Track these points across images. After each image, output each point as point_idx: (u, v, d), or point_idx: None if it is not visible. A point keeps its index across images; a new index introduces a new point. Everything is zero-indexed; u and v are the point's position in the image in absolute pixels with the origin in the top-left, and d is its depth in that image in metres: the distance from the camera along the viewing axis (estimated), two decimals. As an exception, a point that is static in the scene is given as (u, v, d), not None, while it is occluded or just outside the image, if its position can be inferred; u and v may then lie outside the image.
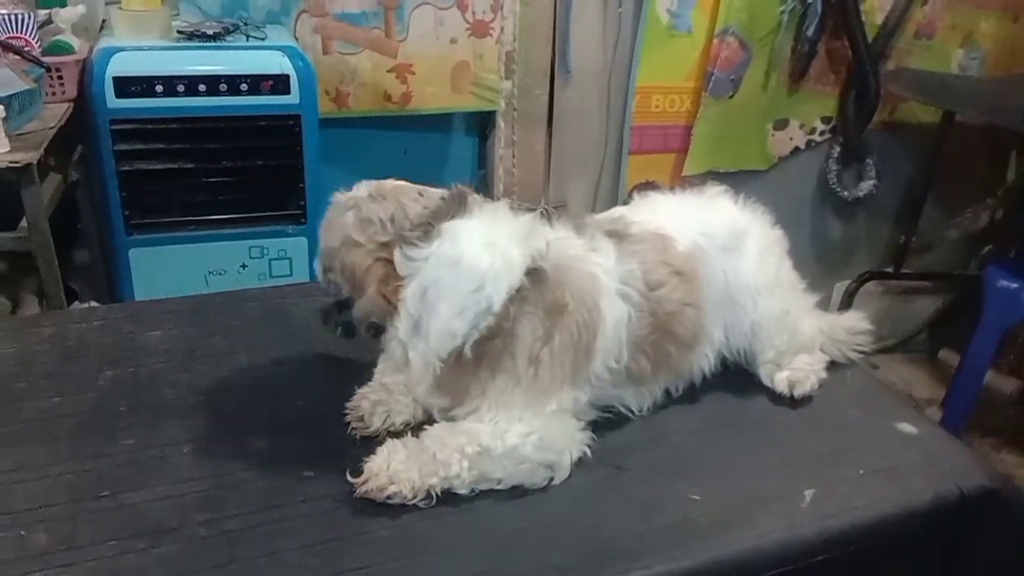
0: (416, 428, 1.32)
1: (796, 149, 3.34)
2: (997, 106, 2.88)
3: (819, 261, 3.52)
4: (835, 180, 3.35)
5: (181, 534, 1.13)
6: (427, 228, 1.26)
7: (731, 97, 3.10)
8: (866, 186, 3.34)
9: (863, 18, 3.05)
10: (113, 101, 2.36)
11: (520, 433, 1.23)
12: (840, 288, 3.51)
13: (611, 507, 1.23)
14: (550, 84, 3.06)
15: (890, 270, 3.48)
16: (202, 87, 2.43)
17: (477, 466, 1.22)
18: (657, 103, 3.12)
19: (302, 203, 2.66)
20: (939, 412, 2.96)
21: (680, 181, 3.19)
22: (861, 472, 1.32)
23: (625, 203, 3.13)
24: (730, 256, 1.48)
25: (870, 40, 3.10)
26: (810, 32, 3.06)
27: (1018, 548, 1.32)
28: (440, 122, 3.12)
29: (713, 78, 3.04)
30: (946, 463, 1.34)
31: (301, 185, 2.63)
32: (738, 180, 3.28)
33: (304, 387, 1.44)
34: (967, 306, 3.46)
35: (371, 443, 1.29)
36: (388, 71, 2.90)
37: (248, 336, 1.59)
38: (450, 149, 3.22)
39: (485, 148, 3.20)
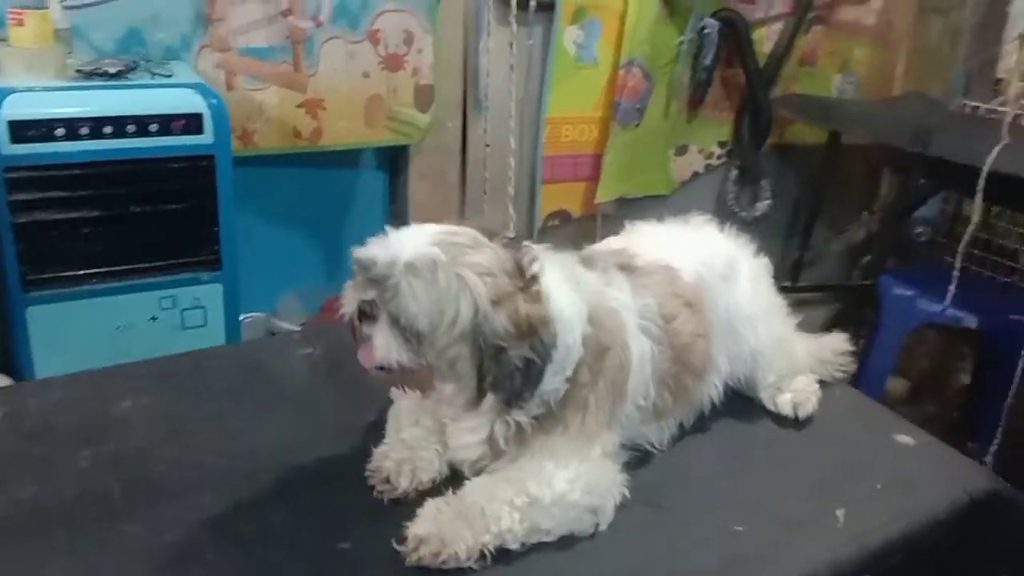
0: (444, 484, 1.25)
1: (696, 173, 3.47)
2: (884, 127, 3.09)
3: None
4: (733, 201, 3.50)
5: (223, 626, 1.02)
6: (532, 281, 1.18)
7: (637, 126, 3.19)
8: (762, 206, 3.51)
9: (754, 47, 3.22)
10: (8, 147, 2.14)
11: (567, 479, 1.19)
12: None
13: (659, 549, 1.21)
14: (463, 116, 3.04)
15: (788, 284, 3.65)
16: (108, 129, 2.25)
17: (528, 518, 1.16)
18: (567, 133, 3.16)
19: (216, 248, 2.50)
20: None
21: (592, 208, 3.23)
22: (879, 487, 1.36)
23: (542, 230, 3.18)
24: (728, 285, 1.50)
25: (760, 68, 3.26)
26: (707, 61, 3.20)
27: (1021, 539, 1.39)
28: (349, 157, 3.03)
29: (621, 107, 3.11)
30: (950, 470, 1.41)
31: (215, 229, 2.48)
32: (645, 205, 3.37)
33: (310, 450, 1.34)
34: (854, 314, 3.68)
35: (401, 505, 1.22)
36: (297, 106, 2.79)
37: (233, 398, 1.47)
38: (360, 184, 3.13)
39: (397, 182, 3.13)
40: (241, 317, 2.63)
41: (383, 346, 1.15)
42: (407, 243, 1.16)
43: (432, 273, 1.12)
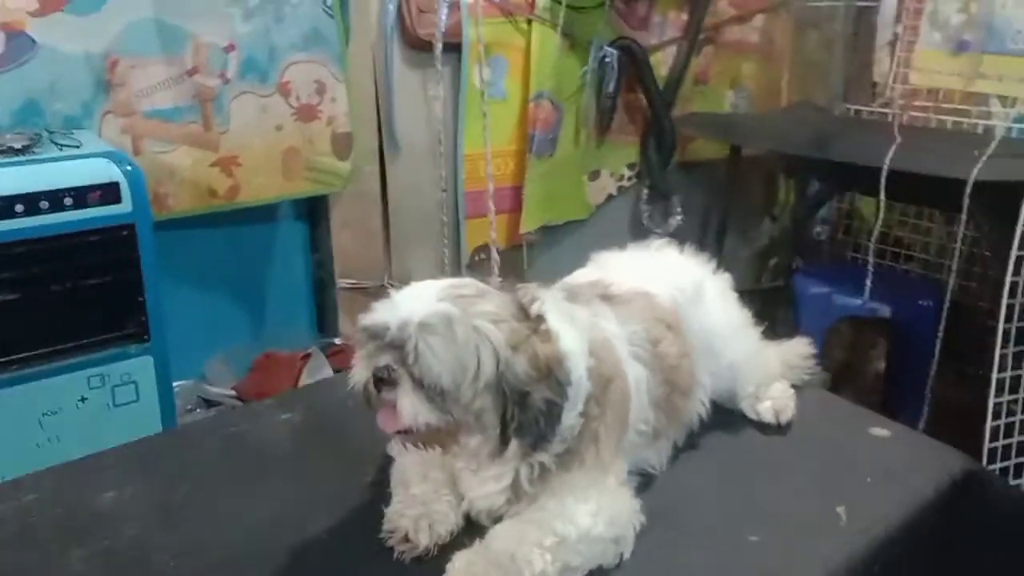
0: (462, 536, 1.24)
1: (610, 196, 3.55)
2: (783, 137, 3.26)
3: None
4: (647, 219, 3.60)
5: None
6: (540, 320, 1.19)
7: (551, 155, 3.25)
8: (675, 221, 3.62)
9: (652, 71, 3.34)
10: (-89, 234, 2.00)
11: (590, 513, 1.20)
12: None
13: (690, 568, 1.23)
14: (380, 161, 3.03)
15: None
16: (19, 207, 2.13)
17: (559, 558, 1.16)
18: (484, 168, 3.18)
19: (144, 319, 2.39)
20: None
21: (516, 239, 3.27)
22: (869, 480, 1.42)
23: (469, 265, 3.19)
24: (699, 305, 1.54)
25: (661, 90, 3.39)
26: (610, 89, 3.29)
27: (996, 516, 1.48)
28: (267, 211, 2.97)
29: (536, 139, 3.16)
30: (928, 457, 1.48)
31: (141, 299, 2.37)
32: (566, 230, 3.43)
33: (315, 519, 1.29)
34: (767, 315, 3.84)
35: (424, 563, 1.20)
36: (211, 165, 2.72)
37: (221, 476, 1.40)
38: (279, 237, 3.07)
39: (318, 232, 3.09)
40: (170, 386, 2.53)
41: (409, 409, 1.13)
42: (415, 303, 1.15)
43: (449, 329, 1.11)
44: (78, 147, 2.32)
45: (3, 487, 1.38)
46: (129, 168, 2.28)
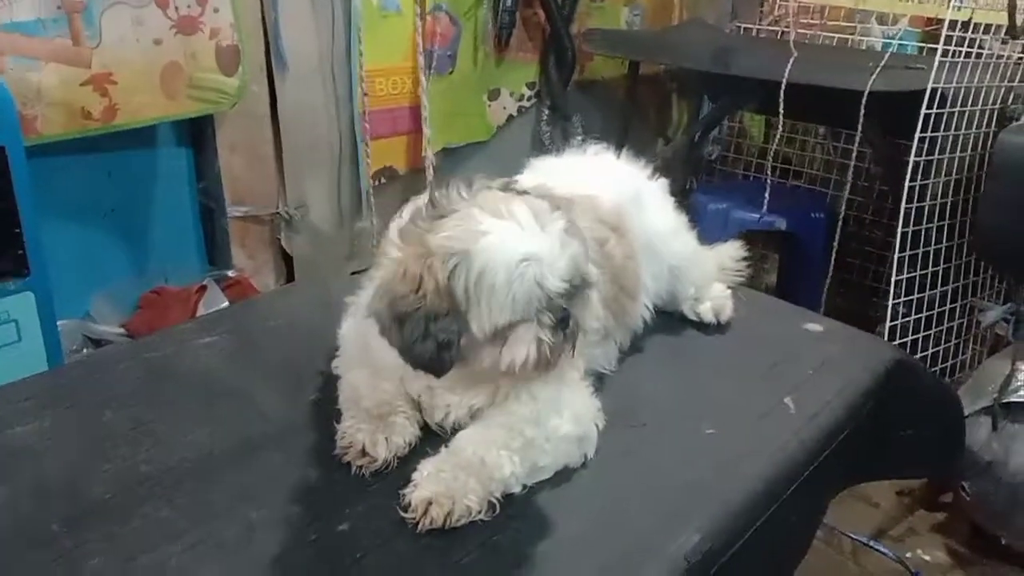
0: (423, 446, 1.19)
1: (510, 116, 3.47)
2: (681, 53, 3.26)
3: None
4: (548, 140, 3.55)
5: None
6: None
7: (451, 73, 3.14)
8: (575, 142, 3.58)
9: (551, -15, 3.25)
10: None
11: (555, 412, 1.18)
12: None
13: (654, 464, 1.23)
14: (268, 79, 2.84)
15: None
16: None
17: (528, 458, 1.14)
18: (381, 86, 3.05)
19: (22, 252, 2.19)
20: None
21: (418, 162, 3.16)
22: (810, 372, 1.46)
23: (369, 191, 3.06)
24: (640, 208, 1.53)
25: (559, 5, 3.31)
26: (508, 3, 3.19)
27: (921, 400, 1.55)
28: (146, 136, 2.74)
29: (434, 56, 3.04)
30: (862, 348, 1.53)
31: (17, 231, 2.16)
32: (468, 152, 3.35)
33: (262, 441, 1.21)
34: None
35: (385, 476, 1.14)
36: (82, 84, 2.47)
37: (150, 402, 1.28)
38: (160, 164, 2.85)
39: (203, 157, 2.88)
40: (54, 324, 2.33)
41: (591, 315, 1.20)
42: (546, 245, 1.09)
43: (577, 235, 1.13)
44: (-69, 61, 2.07)
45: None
46: (-8, 87, 2.05)
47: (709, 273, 1.64)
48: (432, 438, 1.21)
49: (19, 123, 2.14)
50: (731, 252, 1.78)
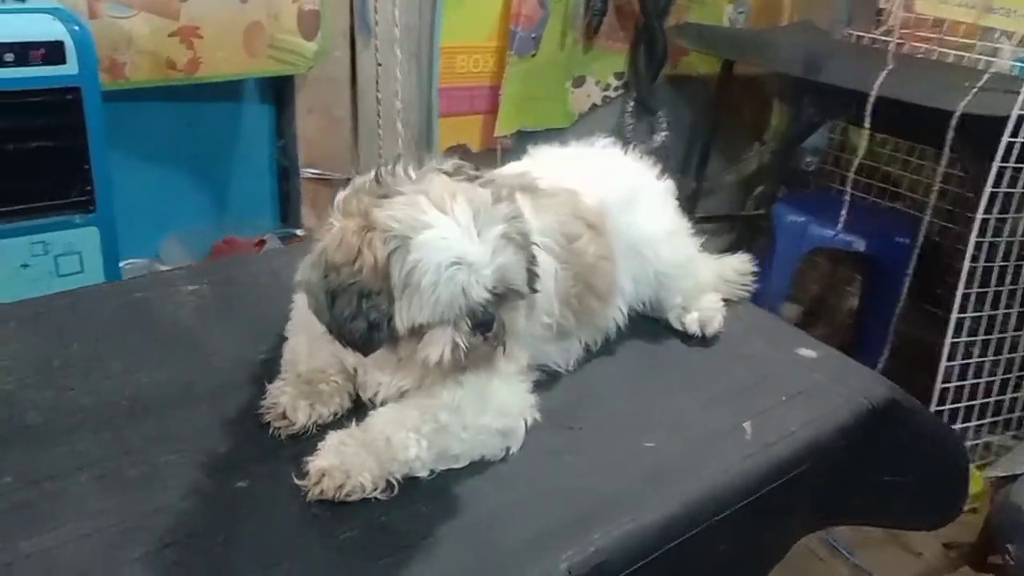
0: (347, 418, 1.19)
1: (594, 105, 3.42)
2: (775, 55, 3.12)
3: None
4: (631, 133, 3.48)
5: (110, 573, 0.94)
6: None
7: (534, 55, 3.11)
8: (659, 137, 3.50)
9: (646, -25, 3.18)
10: None
11: (477, 401, 1.16)
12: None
13: (577, 468, 1.19)
14: (351, 46, 2.90)
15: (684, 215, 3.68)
16: (-42, 60, 2.04)
17: (436, 444, 1.13)
18: (462, 63, 3.06)
19: (89, 188, 2.32)
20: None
21: (491, 142, 3.16)
22: (784, 399, 1.38)
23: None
24: (630, 208, 1.48)
25: (654, -4, 3.23)
26: (600, -11, 3.14)
27: (915, 444, 1.44)
28: (231, 90, 2.86)
29: (517, 36, 3.03)
30: (851, 380, 1.43)
31: (87, 167, 2.30)
32: (545, 138, 3.29)
33: (199, 389, 1.25)
34: (746, 242, 3.76)
35: (301, 441, 1.16)
36: (170, 35, 2.59)
37: (114, 340, 1.35)
38: (243, 119, 2.96)
39: (283, 116, 2.98)
40: (121, 263, 2.47)
41: (522, 321, 1.17)
42: (478, 252, 1.07)
43: (513, 246, 1.11)
44: (23, 1, 2.21)
45: None
46: (76, 28, 2.17)
47: (703, 283, 1.57)
48: (364, 412, 1.21)
49: (97, 66, 2.25)
50: (736, 264, 1.69)
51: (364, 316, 1.07)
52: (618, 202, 1.45)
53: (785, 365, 1.48)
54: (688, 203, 3.67)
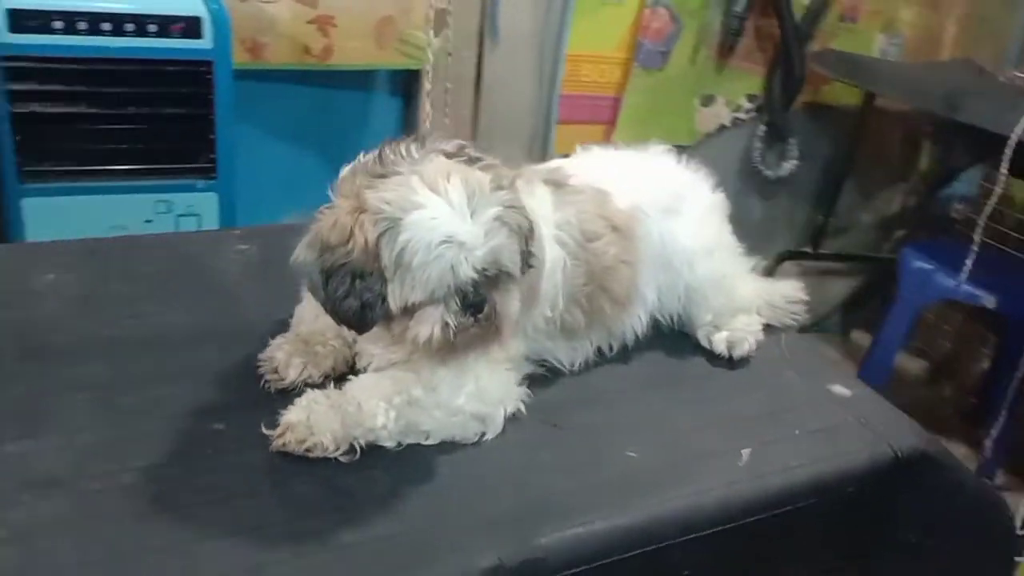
0: (336, 381, 1.23)
1: (722, 126, 3.34)
2: (918, 90, 2.93)
3: (740, 239, 3.53)
4: (759, 158, 3.37)
5: (73, 487, 1.02)
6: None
7: (660, 69, 3.08)
8: (788, 166, 3.37)
9: (791, -2, 3.07)
10: (6, 35, 2.16)
11: (453, 382, 1.16)
12: (760, 267, 3.54)
13: (545, 463, 1.18)
14: (479, 47, 2.98)
15: (808, 250, 3.53)
16: (106, 26, 2.25)
17: (405, 416, 1.14)
18: (587, 72, 3.07)
19: (212, 156, 2.50)
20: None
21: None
22: (797, 432, 1.30)
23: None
24: (669, 217, 1.43)
25: (797, 20, 3.11)
26: (739, 8, 3.06)
27: (949, 505, 1.32)
28: (363, 80, 2.99)
29: (643, 49, 3.01)
30: (880, 425, 1.33)
31: (212, 137, 2.47)
32: (664, 155, 3.26)
33: (212, 336, 1.33)
34: (880, 288, 3.54)
35: (288, 396, 1.20)
36: (308, 22, 2.75)
37: (152, 283, 1.47)
38: (372, 109, 3.09)
39: (410, 110, 3.09)
40: (236, 231, 2.64)
41: (515, 308, 1.14)
42: (470, 232, 1.07)
43: (506, 227, 1.10)
44: (175, -21, 2.42)
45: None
46: (214, 6, 2.35)
47: (739, 304, 1.49)
48: (355, 379, 1.24)
49: (231, 43, 2.43)
50: (785, 290, 1.61)
51: (357, 296, 1.09)
52: (655, 209, 1.42)
53: (811, 399, 1.39)
54: (813, 237, 3.51)
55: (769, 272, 3.47)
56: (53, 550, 0.94)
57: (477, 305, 1.09)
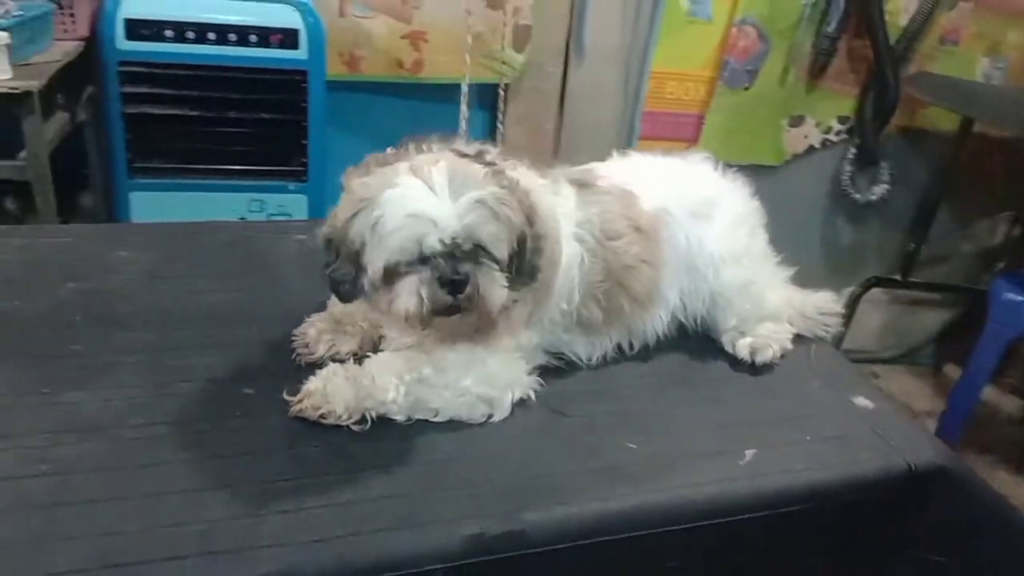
0: (361, 360, 1.31)
1: (811, 147, 3.29)
2: (1021, 115, 2.82)
3: (826, 264, 3.47)
4: (848, 182, 3.30)
5: (111, 433, 1.14)
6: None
7: (747, 88, 3.07)
8: (879, 190, 3.29)
9: (886, 19, 3.00)
10: (123, 43, 2.38)
11: (462, 365, 1.23)
12: (846, 293, 3.46)
13: (545, 448, 1.22)
14: (564, 62, 3.05)
15: (897, 278, 3.42)
16: (211, 35, 2.45)
17: (414, 393, 1.22)
18: (671, 89, 3.09)
19: (304, 161, 2.67)
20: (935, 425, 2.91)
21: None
22: (808, 438, 1.30)
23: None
24: (698, 222, 1.46)
25: (893, 42, 3.05)
26: (831, 29, 3.02)
27: (967, 523, 1.28)
28: (451, 93, 3.11)
29: (729, 67, 3.01)
30: (897, 437, 1.31)
31: (304, 142, 2.64)
32: (749, 174, 3.21)
33: (257, 313, 1.45)
34: (977, 321, 3.39)
35: (315, 369, 1.29)
36: (402, 37, 2.90)
37: (212, 263, 1.60)
38: (459, 121, 3.20)
39: (496, 123, 3.19)
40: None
41: (499, 293, 1.16)
42: (443, 204, 1.12)
43: (491, 211, 1.15)
44: (277, -7, 2.60)
45: (54, 228, 1.67)
46: (311, 20, 2.52)
47: (767, 311, 1.48)
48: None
49: (325, 54, 2.59)
50: (819, 302, 1.59)
51: (336, 270, 1.20)
52: (682, 213, 1.44)
53: (830, 409, 1.38)
54: (903, 265, 3.40)
55: (855, 299, 3.39)
56: (86, 484, 1.05)
57: (455, 284, 1.13)
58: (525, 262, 1.20)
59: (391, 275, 1.15)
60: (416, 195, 1.13)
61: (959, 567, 1.30)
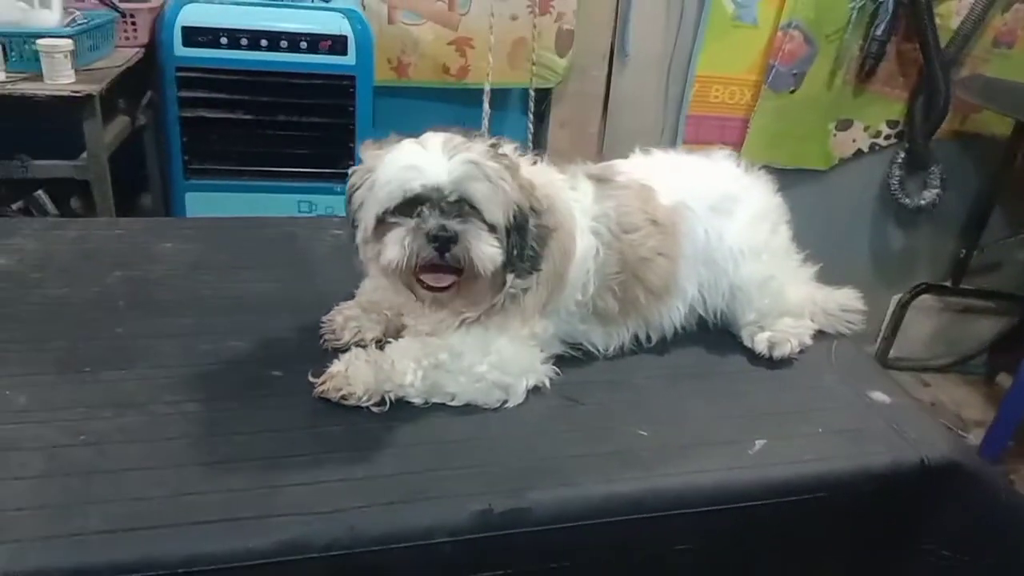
0: (384, 345, 1.37)
1: (859, 152, 3.26)
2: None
3: (876, 269, 3.43)
4: (897, 187, 3.26)
5: (145, 409, 1.21)
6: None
7: (792, 92, 3.06)
8: (929, 195, 3.24)
9: (937, 22, 2.96)
10: (180, 49, 2.50)
11: (478, 351, 1.28)
12: (896, 299, 3.41)
13: (556, 432, 1.26)
14: (608, 67, 3.08)
15: (947, 284, 3.36)
16: (264, 42, 2.55)
17: (431, 378, 1.26)
18: (716, 94, 3.10)
19: (351, 163, 2.73)
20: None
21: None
22: (820, 431, 1.30)
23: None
24: (718, 217, 1.47)
25: (943, 45, 3.01)
26: (879, 32, 2.99)
27: (981, 520, 1.28)
28: (496, 97, 3.16)
29: (774, 71, 3.01)
30: (912, 432, 1.31)
31: (352, 145, 2.72)
32: (797, 178, 3.22)
33: (292, 302, 1.52)
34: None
35: (340, 354, 1.35)
36: (448, 43, 2.97)
37: (252, 255, 1.68)
38: (505, 125, 3.25)
39: (540, 127, 3.23)
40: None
41: (487, 251, 1.19)
42: (434, 162, 1.19)
43: (483, 173, 1.19)
44: (328, 2, 2.70)
45: (106, 220, 1.77)
46: (359, 26, 2.60)
47: (787, 306, 1.49)
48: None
49: (373, 60, 2.67)
50: (842, 299, 1.58)
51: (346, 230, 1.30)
52: (701, 208, 1.46)
53: (846, 402, 1.38)
54: (954, 272, 3.34)
55: (903, 305, 3.34)
56: (120, 454, 1.13)
57: (442, 241, 1.17)
58: (527, 246, 1.23)
59: (381, 228, 1.21)
60: (410, 152, 1.21)
61: (974, 564, 1.29)
